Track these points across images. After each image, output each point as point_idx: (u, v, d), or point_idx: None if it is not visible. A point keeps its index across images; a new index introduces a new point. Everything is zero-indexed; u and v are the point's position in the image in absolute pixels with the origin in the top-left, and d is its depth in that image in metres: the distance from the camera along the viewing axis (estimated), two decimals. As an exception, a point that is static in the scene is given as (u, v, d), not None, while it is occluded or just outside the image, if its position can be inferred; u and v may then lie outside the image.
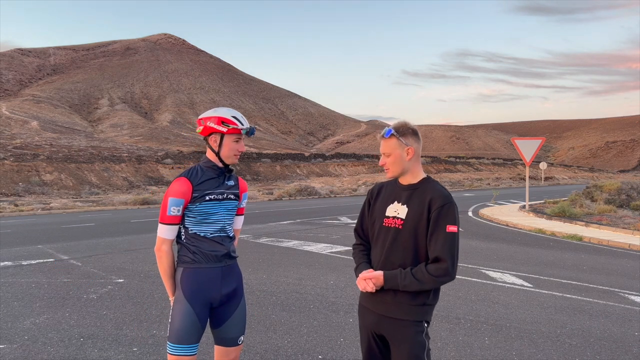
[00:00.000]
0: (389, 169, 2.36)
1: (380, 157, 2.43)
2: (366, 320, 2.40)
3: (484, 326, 5.04)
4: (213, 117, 2.56)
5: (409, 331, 2.26)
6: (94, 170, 47.80)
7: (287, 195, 33.04)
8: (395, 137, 2.32)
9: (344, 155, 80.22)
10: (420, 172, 2.38)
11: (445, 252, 2.19)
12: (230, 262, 2.65)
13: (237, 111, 2.61)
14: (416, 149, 2.34)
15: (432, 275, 2.19)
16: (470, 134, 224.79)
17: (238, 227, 2.84)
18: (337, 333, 4.80)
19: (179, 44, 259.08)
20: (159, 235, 2.57)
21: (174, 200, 2.52)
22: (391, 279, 2.25)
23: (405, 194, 2.35)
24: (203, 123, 2.58)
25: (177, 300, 2.56)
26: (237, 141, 2.59)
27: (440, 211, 2.22)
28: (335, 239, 11.55)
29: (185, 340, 2.50)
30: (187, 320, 2.51)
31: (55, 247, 10.46)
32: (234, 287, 2.66)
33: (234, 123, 2.55)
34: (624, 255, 9.84)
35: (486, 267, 8.17)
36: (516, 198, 29.06)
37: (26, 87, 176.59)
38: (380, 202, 2.43)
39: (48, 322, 5.15)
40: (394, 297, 2.27)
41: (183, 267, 2.58)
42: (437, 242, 2.21)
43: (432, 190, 2.29)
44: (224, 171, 2.63)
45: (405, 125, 2.35)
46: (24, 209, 23.00)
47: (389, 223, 2.34)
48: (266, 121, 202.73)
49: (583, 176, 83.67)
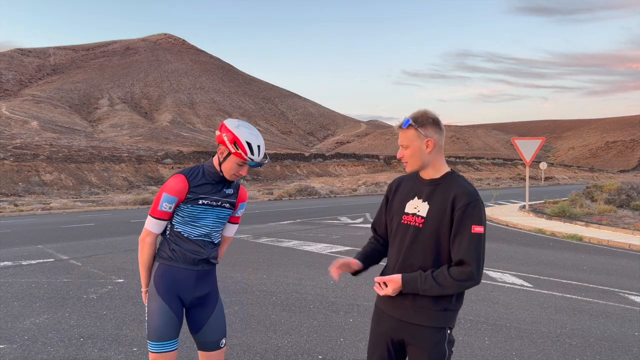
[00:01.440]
0: (408, 162, 2.17)
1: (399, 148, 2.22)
2: (383, 326, 2.22)
3: (484, 326, 5.03)
4: (231, 133, 2.44)
5: (429, 339, 2.09)
6: (94, 170, 47.80)
7: (287, 195, 33.04)
8: (414, 127, 2.11)
9: (344, 155, 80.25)
10: (443, 166, 2.17)
11: (470, 255, 2.01)
12: (207, 268, 2.63)
13: (260, 137, 2.48)
14: (437, 140, 2.13)
15: (455, 280, 2.01)
16: (470, 134, 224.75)
17: (229, 235, 2.81)
18: (337, 333, 4.80)
19: (179, 44, 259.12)
20: (145, 227, 2.56)
21: (168, 196, 2.50)
22: (410, 283, 2.07)
23: (426, 189, 2.16)
24: (222, 132, 2.49)
25: (152, 297, 2.56)
26: (240, 165, 2.51)
27: (465, 210, 2.03)
28: (335, 239, 11.55)
29: (165, 336, 2.51)
30: (164, 317, 2.51)
31: (55, 247, 10.45)
32: (207, 292, 2.64)
33: (244, 151, 2.43)
34: (624, 255, 9.83)
35: (486, 267, 8.16)
36: (516, 198, 29.06)
37: (26, 87, 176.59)
38: (399, 197, 2.25)
39: (48, 322, 5.15)
40: (413, 301, 2.11)
41: (159, 262, 2.58)
42: (461, 244, 2.03)
43: (457, 187, 2.09)
44: (224, 179, 2.60)
45: (425, 114, 2.14)
46: (24, 209, 23.00)
47: (408, 220, 2.16)
48: (266, 121, 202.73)
49: (583, 176, 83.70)
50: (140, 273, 2.63)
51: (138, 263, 2.63)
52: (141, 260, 2.60)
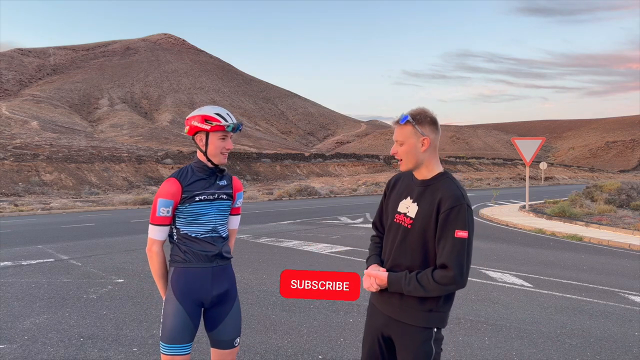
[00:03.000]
0: (402, 160, 2.16)
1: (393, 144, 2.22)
2: (375, 321, 2.27)
3: (484, 326, 5.04)
4: (197, 115, 2.54)
5: (415, 338, 2.11)
6: (94, 170, 47.80)
7: (287, 195, 33.04)
8: (411, 124, 2.11)
9: (344, 155, 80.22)
10: (436, 167, 2.17)
11: (451, 260, 2.00)
12: (222, 263, 2.63)
13: (223, 108, 2.58)
14: (433, 140, 2.13)
15: (437, 283, 2.02)
16: (470, 134, 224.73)
17: (234, 227, 2.82)
18: (337, 333, 4.80)
19: (179, 44, 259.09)
20: (149, 236, 2.58)
21: (163, 201, 2.52)
22: (395, 283, 2.11)
23: (417, 189, 2.16)
24: (189, 123, 2.57)
25: (168, 300, 2.56)
26: (223, 139, 2.55)
27: (450, 214, 2.02)
28: (335, 239, 11.55)
29: (177, 339, 2.50)
30: (179, 319, 2.51)
31: (55, 247, 10.45)
32: (226, 289, 2.63)
33: (217, 120, 2.52)
34: (624, 255, 9.84)
35: (486, 267, 8.16)
36: (516, 198, 29.06)
37: (26, 87, 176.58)
38: (395, 195, 2.27)
39: (48, 322, 5.15)
40: (400, 299, 2.14)
41: (174, 266, 2.58)
42: (444, 248, 2.02)
43: (444, 189, 2.08)
44: (214, 171, 2.61)
45: (424, 112, 2.13)
46: (24, 209, 23.00)
47: (400, 220, 2.18)
48: (266, 121, 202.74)
49: (583, 176, 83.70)
50: (157, 283, 2.63)
51: (151, 271, 2.62)
52: (153, 270, 2.60)
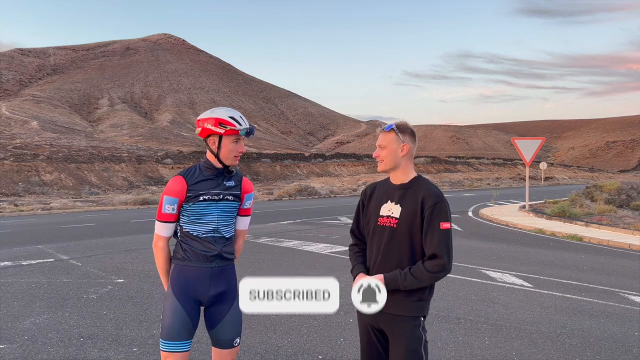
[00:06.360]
0: (383, 160, 2.45)
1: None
2: (365, 316, 2.43)
3: (484, 326, 5.04)
4: (210, 118, 2.52)
5: (406, 326, 2.34)
6: (93, 170, 47.81)
7: (287, 195, 33.04)
8: (395, 132, 2.43)
9: (344, 155, 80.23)
10: (411, 172, 2.47)
11: (441, 248, 2.29)
12: (222, 264, 2.63)
13: (236, 111, 2.57)
14: (411, 148, 2.44)
15: (430, 272, 2.29)
16: (470, 134, 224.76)
17: (243, 228, 2.81)
18: (337, 333, 4.80)
19: (179, 44, 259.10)
20: (155, 232, 2.62)
21: (169, 198, 2.54)
22: (392, 282, 2.32)
23: (398, 193, 2.44)
24: (201, 125, 2.55)
25: (167, 297, 2.59)
26: (236, 142, 2.55)
27: (434, 209, 2.31)
28: (335, 239, 11.55)
29: (176, 336, 2.52)
30: (177, 317, 2.53)
31: (55, 247, 10.46)
32: (224, 289, 2.63)
33: (232, 124, 2.51)
34: (624, 255, 9.84)
35: (486, 267, 8.17)
36: (516, 198, 29.05)
37: (26, 87, 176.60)
38: (374, 202, 2.52)
39: (48, 322, 5.15)
40: (391, 294, 2.33)
41: (175, 263, 2.61)
42: (432, 239, 2.30)
43: (424, 190, 2.38)
44: (222, 172, 2.61)
45: (406, 124, 2.46)
46: (24, 209, 23.00)
47: (384, 222, 2.43)
48: (266, 121, 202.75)
49: (583, 176, 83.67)
50: (161, 278, 2.69)
51: (156, 266, 2.69)
52: (158, 265, 2.66)
